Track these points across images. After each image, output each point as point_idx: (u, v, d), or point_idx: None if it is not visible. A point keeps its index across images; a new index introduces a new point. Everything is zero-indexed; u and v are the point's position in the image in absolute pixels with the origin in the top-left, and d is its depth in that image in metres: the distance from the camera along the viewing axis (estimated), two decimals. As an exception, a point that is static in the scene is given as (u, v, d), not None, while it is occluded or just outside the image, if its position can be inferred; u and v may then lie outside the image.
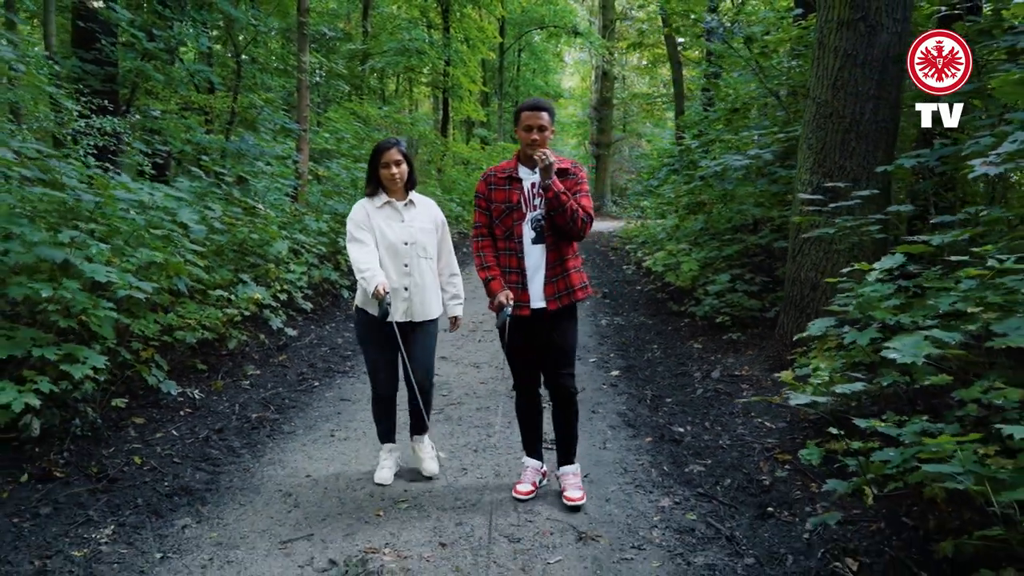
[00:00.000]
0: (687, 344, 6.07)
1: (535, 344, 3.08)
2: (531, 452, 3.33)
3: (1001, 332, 2.13)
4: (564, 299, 3.04)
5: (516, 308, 2.97)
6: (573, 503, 3.10)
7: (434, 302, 3.31)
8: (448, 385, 5.06)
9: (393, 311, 3.11)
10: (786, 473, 3.38)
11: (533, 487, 3.25)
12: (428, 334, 3.33)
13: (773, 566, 2.63)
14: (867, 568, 2.53)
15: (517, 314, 2.98)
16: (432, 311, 3.30)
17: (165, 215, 4.33)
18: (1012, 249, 2.87)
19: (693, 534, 2.90)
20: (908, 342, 2.28)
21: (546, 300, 3.02)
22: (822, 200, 4.04)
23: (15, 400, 2.80)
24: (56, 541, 2.79)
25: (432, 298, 3.29)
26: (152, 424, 4.10)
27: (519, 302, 3.00)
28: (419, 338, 3.28)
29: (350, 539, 2.84)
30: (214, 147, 8.82)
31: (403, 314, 3.19)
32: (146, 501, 3.17)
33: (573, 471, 3.24)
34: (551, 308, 3.02)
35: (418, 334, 3.28)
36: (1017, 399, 2.03)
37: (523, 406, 3.28)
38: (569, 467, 3.25)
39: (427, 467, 3.45)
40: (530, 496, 3.20)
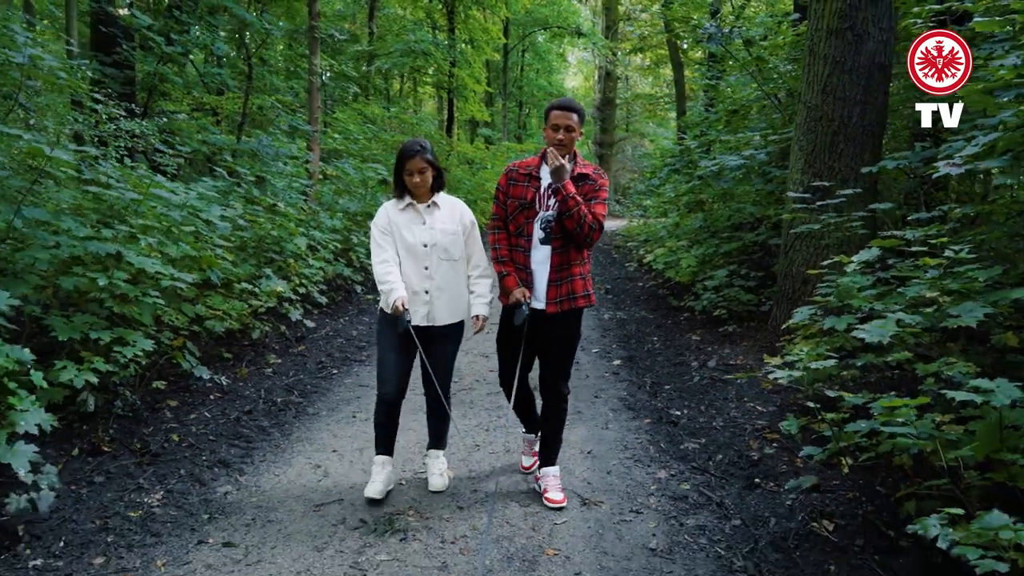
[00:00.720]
0: (686, 336, 6.36)
1: (532, 343, 3.10)
2: (529, 429, 3.48)
3: (955, 314, 2.42)
4: (564, 304, 3.02)
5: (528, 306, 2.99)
6: (555, 504, 3.12)
7: (458, 306, 3.21)
8: (459, 372, 5.37)
9: (412, 316, 3.05)
10: (773, 450, 3.68)
11: (535, 456, 3.45)
12: (450, 341, 3.24)
13: (757, 527, 2.93)
14: (842, 528, 2.83)
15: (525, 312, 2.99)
16: (456, 315, 3.20)
17: (189, 212, 4.64)
18: (978, 243, 3.17)
19: (686, 501, 3.20)
20: (876, 324, 2.57)
21: (547, 303, 3.02)
22: (810, 198, 4.33)
23: (76, 377, 3.10)
24: (112, 505, 3.10)
25: (456, 302, 3.20)
26: (185, 406, 4.41)
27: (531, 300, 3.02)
28: (439, 344, 3.20)
29: (377, 504, 3.15)
30: (227, 147, 9.14)
31: (423, 318, 3.12)
32: (188, 472, 3.48)
33: (554, 473, 3.25)
34: (550, 311, 3.01)
35: (438, 340, 3.19)
36: (968, 371, 2.32)
37: (508, 394, 3.29)
38: (550, 468, 3.25)
39: (433, 483, 3.32)
40: (534, 467, 3.43)
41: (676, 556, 2.73)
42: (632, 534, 2.90)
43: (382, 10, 18.70)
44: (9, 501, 2.77)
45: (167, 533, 2.89)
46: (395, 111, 16.51)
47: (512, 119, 28.78)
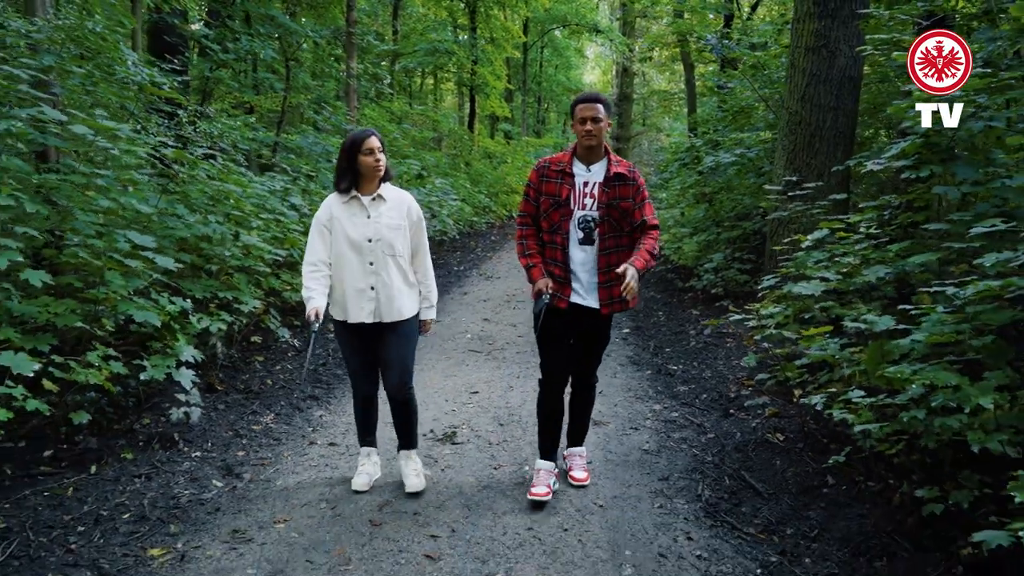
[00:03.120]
0: (687, 311, 7.28)
1: (574, 336, 3.11)
2: (546, 455, 3.26)
3: (867, 275, 3.33)
4: (616, 305, 3.02)
5: (555, 299, 2.98)
6: (579, 483, 3.24)
7: (406, 302, 3.12)
8: (491, 337, 6.34)
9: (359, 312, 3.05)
10: (748, 392, 4.60)
11: (548, 489, 3.15)
12: (402, 335, 3.14)
13: (726, 439, 3.86)
14: (790, 439, 3.76)
15: (555, 306, 2.98)
16: (404, 311, 3.11)
17: (278, 201, 5.65)
18: (905, 224, 4.05)
19: (674, 424, 4.15)
20: (807, 284, 3.49)
21: (600, 303, 3.01)
22: (780, 191, 5.23)
23: (212, 324, 4.11)
24: (237, 422, 4.11)
25: (404, 298, 3.11)
26: (270, 360, 5.42)
27: (559, 295, 3.00)
28: (392, 340, 3.12)
29: (438, 422, 4.13)
30: (270, 144, 10.18)
31: (370, 314, 3.05)
32: (288, 403, 4.49)
33: (580, 452, 3.39)
34: (604, 312, 3.02)
35: (391, 336, 3.12)
36: (870, 311, 3.22)
37: (545, 400, 3.22)
38: (577, 448, 3.40)
39: (411, 483, 3.24)
40: (546, 498, 3.10)
41: (663, 454, 3.69)
42: (630, 442, 3.86)
43: (406, 8, 19.62)
44: (171, 413, 3.78)
45: (285, 438, 3.90)
46: (423, 109, 17.45)
47: (531, 114, 29.66)
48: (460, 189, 14.50)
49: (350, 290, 3.05)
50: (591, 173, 3.00)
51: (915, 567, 2.51)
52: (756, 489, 3.24)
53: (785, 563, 2.65)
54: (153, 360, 3.56)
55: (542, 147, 24.85)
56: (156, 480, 3.32)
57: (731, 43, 7.90)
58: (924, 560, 2.53)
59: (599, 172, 3.00)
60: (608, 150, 3.02)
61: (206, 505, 3.12)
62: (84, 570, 2.57)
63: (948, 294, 2.59)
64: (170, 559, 2.67)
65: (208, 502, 3.15)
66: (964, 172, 3.28)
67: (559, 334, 3.08)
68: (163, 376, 3.56)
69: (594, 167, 3.01)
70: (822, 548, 2.73)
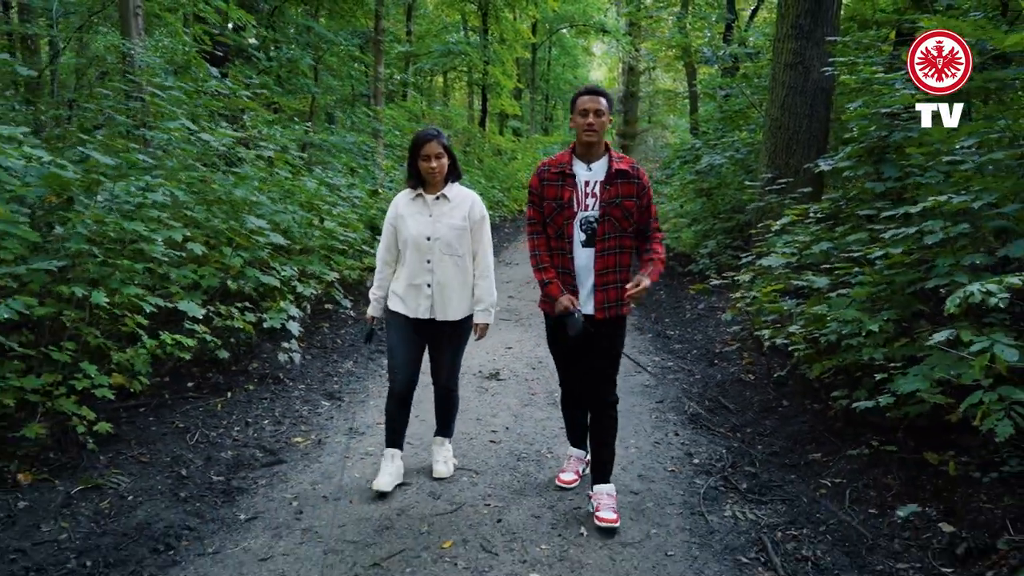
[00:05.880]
0: (685, 291, 8.36)
1: (581, 347, 2.96)
2: (575, 443, 3.38)
3: (814, 251, 4.40)
4: (612, 310, 2.89)
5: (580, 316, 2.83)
6: (607, 524, 2.87)
7: (462, 303, 3.16)
8: (517, 310, 7.45)
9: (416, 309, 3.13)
10: (732, 349, 5.68)
11: (576, 475, 3.29)
12: (455, 336, 3.21)
13: (709, 380, 4.96)
14: (759, 378, 4.84)
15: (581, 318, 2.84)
16: (459, 312, 3.16)
17: (340, 194, 6.75)
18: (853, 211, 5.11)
19: (669, 369, 5.24)
20: (775, 257, 4.57)
21: (595, 308, 2.89)
22: (758, 186, 6.30)
23: (305, 288, 5.21)
24: (325, 367, 5.21)
25: (459, 298, 3.15)
26: (335, 326, 6.53)
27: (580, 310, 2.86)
28: (445, 341, 3.21)
29: (483, 367, 5.24)
30: (303, 140, 11.29)
31: (426, 311, 3.12)
32: (360, 356, 5.59)
33: (608, 491, 3.01)
34: (598, 317, 2.89)
35: (444, 335, 3.19)
36: (818, 277, 4.29)
37: (567, 402, 3.31)
38: (604, 486, 3.02)
39: (438, 469, 3.40)
40: (573, 485, 3.26)
41: (659, 388, 4.79)
42: (633, 380, 4.96)
43: (419, 10, 20.59)
44: (280, 355, 4.89)
45: (367, 378, 5.02)
46: (440, 109, 18.49)
47: (539, 112, 30.68)
48: (475, 185, 15.55)
49: (408, 286, 3.13)
50: (592, 172, 2.90)
51: (835, 449, 3.60)
52: (728, 408, 4.34)
53: (744, 447, 3.75)
54: (270, 314, 4.66)
55: (550, 144, 25.86)
56: (278, 402, 4.43)
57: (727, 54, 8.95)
58: (842, 445, 3.61)
59: (600, 170, 2.90)
60: (608, 147, 2.94)
61: (322, 415, 4.24)
62: (253, 449, 3.69)
63: (870, 258, 3.65)
64: (310, 443, 3.79)
65: (322, 413, 4.26)
66: (888, 171, 4.35)
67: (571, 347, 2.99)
68: (279, 325, 4.67)
69: (595, 165, 2.90)
70: (772, 440, 3.83)
